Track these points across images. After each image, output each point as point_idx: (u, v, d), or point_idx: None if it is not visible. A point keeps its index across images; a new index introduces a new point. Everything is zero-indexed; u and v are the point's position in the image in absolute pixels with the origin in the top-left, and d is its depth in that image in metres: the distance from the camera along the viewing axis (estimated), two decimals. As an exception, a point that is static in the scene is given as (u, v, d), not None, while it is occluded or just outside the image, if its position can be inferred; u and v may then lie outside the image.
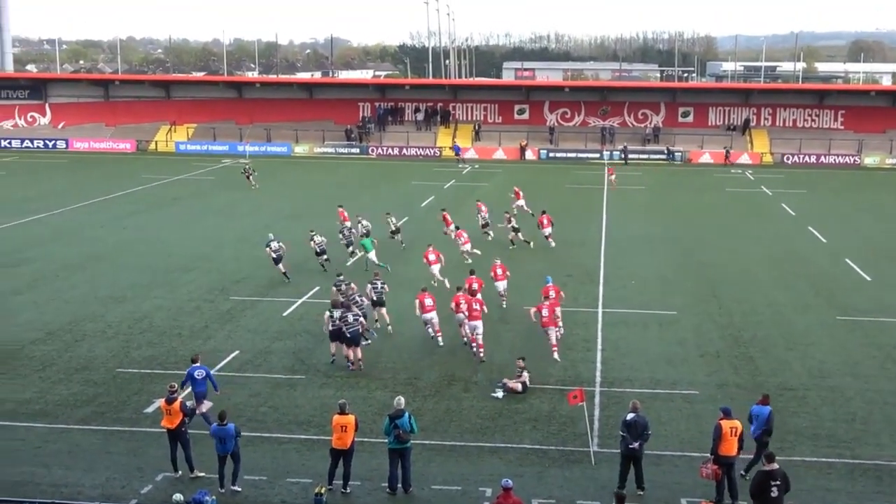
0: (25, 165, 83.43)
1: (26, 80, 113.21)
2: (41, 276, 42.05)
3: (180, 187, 70.11)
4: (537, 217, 50.53)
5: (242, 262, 44.70)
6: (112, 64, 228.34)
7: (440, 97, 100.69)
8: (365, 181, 75.41)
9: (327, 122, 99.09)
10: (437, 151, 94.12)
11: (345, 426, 21.77)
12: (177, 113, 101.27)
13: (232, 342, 32.48)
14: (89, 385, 28.40)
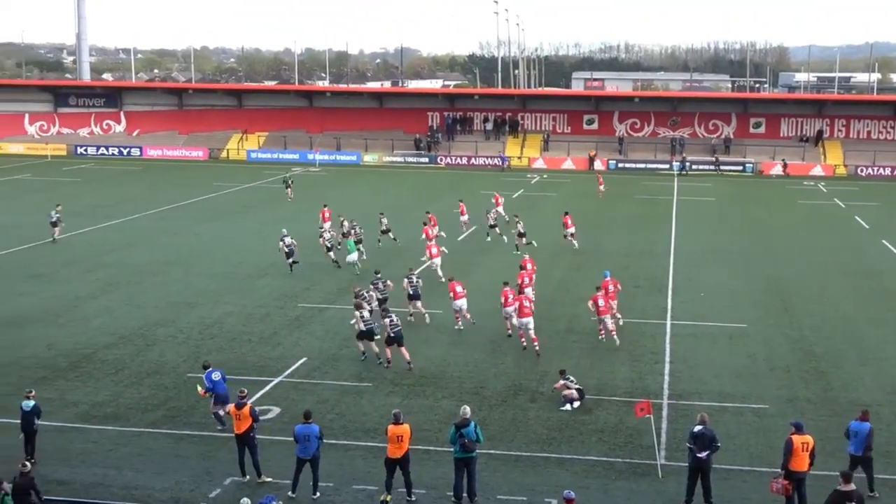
0: (101, 172, 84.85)
1: (102, 88, 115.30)
2: (115, 281, 42.70)
3: (251, 195, 70.83)
4: (561, 217, 51.87)
5: (311, 269, 44.98)
6: (186, 73, 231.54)
7: (509, 107, 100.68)
8: (433, 190, 75.57)
9: (396, 131, 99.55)
10: (505, 161, 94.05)
11: (400, 436, 21.77)
12: (248, 121, 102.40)
13: (300, 349, 32.72)
14: (160, 389, 28.78)
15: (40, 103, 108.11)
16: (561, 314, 37.43)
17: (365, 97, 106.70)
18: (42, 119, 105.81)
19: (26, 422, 23.38)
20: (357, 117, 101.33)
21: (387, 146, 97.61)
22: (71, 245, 50.86)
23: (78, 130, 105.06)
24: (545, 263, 46.53)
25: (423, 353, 32.38)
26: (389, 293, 36.48)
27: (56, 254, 48.49)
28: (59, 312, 37.34)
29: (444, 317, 36.58)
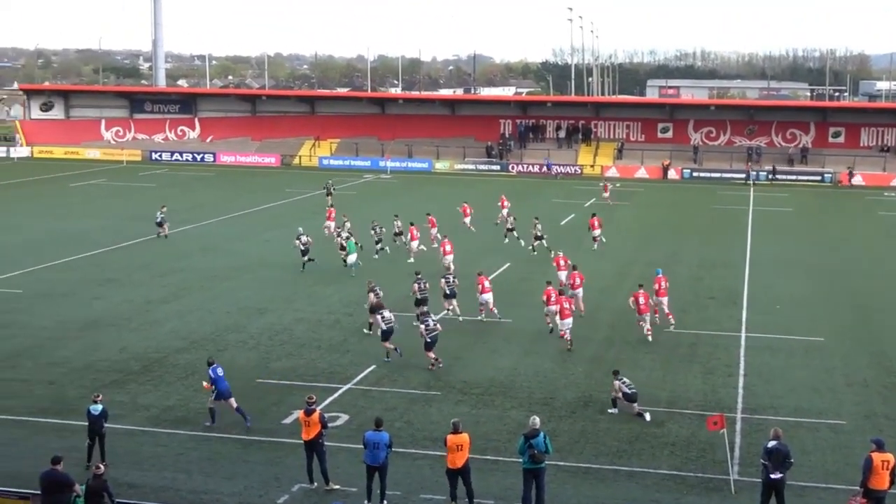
0: (174, 178, 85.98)
1: (177, 94, 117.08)
2: (186, 286, 43.22)
3: (323, 202, 71.20)
4: (588, 220, 54.06)
5: (382, 276, 45.08)
6: (259, 79, 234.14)
7: (582, 115, 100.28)
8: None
9: (468, 138, 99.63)
10: (578, 169, 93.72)
11: (460, 445, 21.68)
12: (321, 128, 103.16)
13: (369, 356, 32.82)
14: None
15: (116, 109, 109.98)
16: (633, 323, 37.09)
17: (437, 104, 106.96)
18: (118, 125, 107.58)
19: (95, 426, 23.66)
20: (429, 124, 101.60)
21: (458, 154, 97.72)
22: (144, 250, 51.61)
23: (153, 136, 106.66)
24: (618, 274, 46.36)
25: (493, 363, 32.34)
26: (457, 289, 37.72)
27: (129, 259, 49.23)
28: (131, 316, 37.89)
29: (515, 326, 36.53)
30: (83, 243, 52.65)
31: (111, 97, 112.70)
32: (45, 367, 31.47)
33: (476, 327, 36.60)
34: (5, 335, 34.94)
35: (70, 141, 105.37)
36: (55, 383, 29.84)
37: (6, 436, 25.61)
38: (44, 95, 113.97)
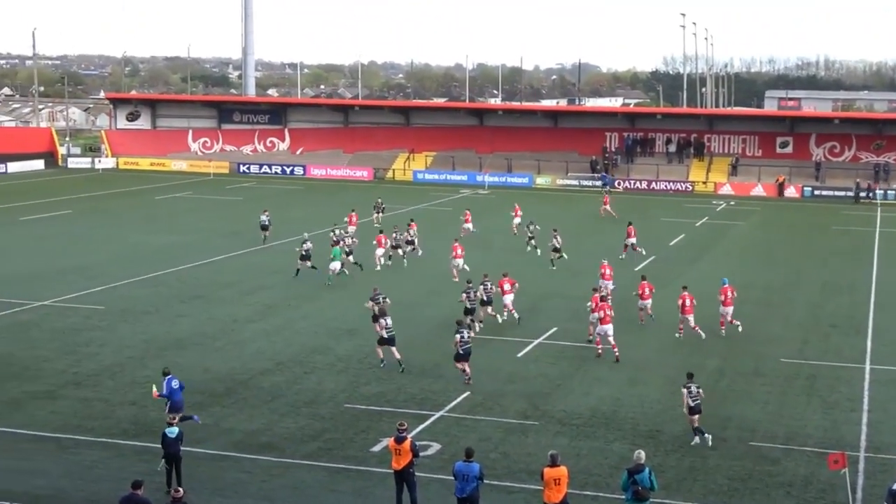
0: (263, 191, 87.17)
1: (267, 104, 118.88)
2: (273, 304, 43.73)
3: (417, 218, 71.51)
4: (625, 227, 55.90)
5: (477, 297, 45.08)
6: (352, 89, 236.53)
7: (694, 128, 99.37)
8: (608, 216, 75.01)
9: (571, 152, 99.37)
10: (689, 186, 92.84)
11: (557, 479, 21.48)
12: (416, 140, 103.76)
13: (462, 383, 32.79)
14: (316, 419, 29.27)
15: (204, 119, 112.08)
16: (747, 352, 36.61)
17: (539, 116, 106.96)
18: (206, 135, 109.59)
19: (171, 449, 23.94)
20: (530, 137, 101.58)
21: (561, 168, 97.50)
22: (230, 266, 52.37)
23: (241, 148, 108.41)
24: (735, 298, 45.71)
25: (596, 391, 32.14)
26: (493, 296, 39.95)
27: (215, 275, 50.00)
28: (216, 335, 38.46)
29: (619, 353, 36.19)
30: (168, 258, 53.61)
31: (199, 107, 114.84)
32: (127, 387, 32.09)
33: (578, 353, 36.41)
34: (87, 353, 35.72)
35: (156, 152, 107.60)
36: (136, 404, 30.40)
37: (87, 458, 26.14)
38: (130, 105, 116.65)
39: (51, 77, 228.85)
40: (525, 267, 50.23)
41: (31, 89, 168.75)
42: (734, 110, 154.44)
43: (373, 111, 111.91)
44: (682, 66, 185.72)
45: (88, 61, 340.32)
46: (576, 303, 43.54)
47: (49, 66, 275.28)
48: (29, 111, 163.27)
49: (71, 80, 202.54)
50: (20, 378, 32.76)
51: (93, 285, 47.03)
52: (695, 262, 56.10)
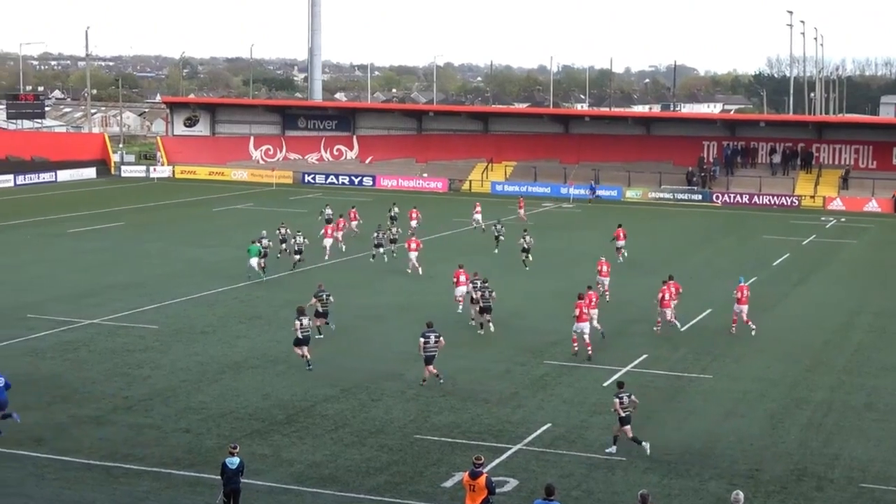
0: (329, 203, 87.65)
1: (334, 109, 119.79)
2: (338, 325, 43.90)
3: (494, 233, 71.64)
4: (613, 230, 60.33)
5: (560, 321, 44.97)
6: (427, 93, 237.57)
7: (801, 136, 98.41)
8: (706, 233, 74.56)
9: (665, 163, 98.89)
10: (795, 201, 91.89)
11: (648, 521, 21.44)
12: (495, 149, 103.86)
13: (544, 413, 32.74)
14: (384, 451, 29.36)
15: (267, 125, 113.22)
16: (858, 385, 36.12)
17: (629, 123, 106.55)
18: (268, 143, 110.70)
19: (231, 482, 24.10)
20: (620, 146, 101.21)
21: (653, 180, 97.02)
22: (292, 284, 52.75)
23: (306, 156, 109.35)
24: (844, 326, 45.38)
25: (689, 425, 31.90)
26: None
27: (276, 294, 50.41)
28: (277, 358, 38.76)
29: (716, 384, 35.94)
30: (226, 275, 54.13)
31: (261, 112, 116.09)
32: (181, 412, 32.44)
33: (670, 383, 36.17)
34: (138, 376, 36.20)
35: (215, 160, 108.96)
36: (191, 431, 30.73)
37: (137, 488, 26.47)
38: (188, 109, 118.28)
39: (104, 79, 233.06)
40: (620, 289, 50.06)
41: (83, 92, 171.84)
42: (846, 117, 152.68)
43: (448, 117, 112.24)
44: (789, 69, 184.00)
45: (144, 62, 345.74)
46: (667, 328, 43.29)
47: (103, 68, 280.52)
48: (81, 116, 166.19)
49: (125, 83, 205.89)
50: (68, 401, 33.30)
51: (145, 303, 47.67)
52: (800, 283, 55.52)
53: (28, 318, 44.29)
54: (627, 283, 50.90)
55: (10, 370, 36.09)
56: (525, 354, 39.75)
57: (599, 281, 49.05)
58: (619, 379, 32.71)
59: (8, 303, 47.31)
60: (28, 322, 43.68)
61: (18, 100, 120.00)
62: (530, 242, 58.49)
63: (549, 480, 24.54)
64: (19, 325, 43.06)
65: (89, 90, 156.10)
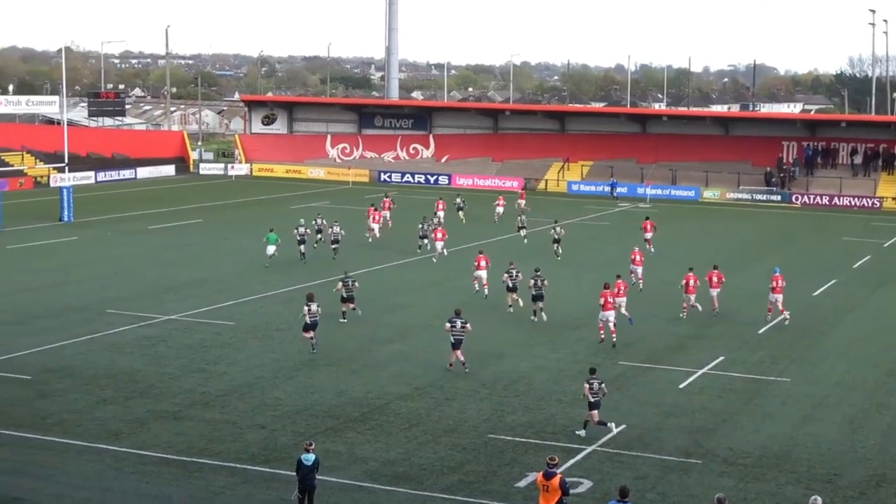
0: (405, 201, 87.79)
1: (411, 108, 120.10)
2: (413, 324, 44.07)
3: (571, 233, 71.40)
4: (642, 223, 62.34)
5: (636, 321, 44.79)
6: (503, 92, 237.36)
7: (884, 137, 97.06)
8: (784, 234, 73.75)
9: (744, 163, 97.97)
10: (876, 202, 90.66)
11: (725, 526, 21.29)
12: (571, 148, 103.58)
13: (619, 414, 32.56)
14: (457, 450, 29.39)
15: (344, 123, 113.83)
16: None
17: (708, 122, 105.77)
18: (345, 141, 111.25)
19: (306, 478, 24.22)
20: (697, 146, 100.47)
21: (731, 180, 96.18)
22: (368, 282, 52.91)
23: (382, 155, 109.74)
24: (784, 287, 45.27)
25: (766, 429, 31.58)
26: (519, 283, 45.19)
27: (352, 291, 50.62)
28: (351, 356, 38.95)
29: (794, 387, 35.58)
30: (302, 272, 54.50)
31: (338, 110, 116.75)
32: (257, 409, 32.71)
33: (748, 386, 35.84)
34: (215, 372, 36.55)
35: (292, 158, 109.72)
36: (266, 427, 30.97)
37: (213, 483, 26.74)
38: (266, 108, 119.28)
39: (184, 77, 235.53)
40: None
41: (163, 90, 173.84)
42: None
43: (525, 116, 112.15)
44: (871, 69, 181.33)
45: (223, 61, 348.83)
46: (745, 330, 42.98)
47: (182, 67, 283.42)
48: (160, 114, 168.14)
49: (204, 81, 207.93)
50: (146, 396, 33.71)
51: (222, 299, 48.12)
52: (881, 286, 54.76)
53: (108, 314, 44.92)
54: (703, 284, 50.34)
55: (89, 364, 36.78)
56: (600, 355, 39.57)
57: (633, 270, 51.04)
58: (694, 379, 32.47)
59: (88, 298, 48.00)
60: (107, 317, 44.30)
61: (100, 98, 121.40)
62: (560, 233, 61.18)
63: (623, 482, 24.44)
64: (99, 321, 43.68)
65: (169, 88, 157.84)
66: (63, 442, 29.44)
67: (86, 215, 75.47)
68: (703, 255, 58.94)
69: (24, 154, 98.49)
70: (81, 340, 40.46)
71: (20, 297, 48.55)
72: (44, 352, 38.69)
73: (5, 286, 50.85)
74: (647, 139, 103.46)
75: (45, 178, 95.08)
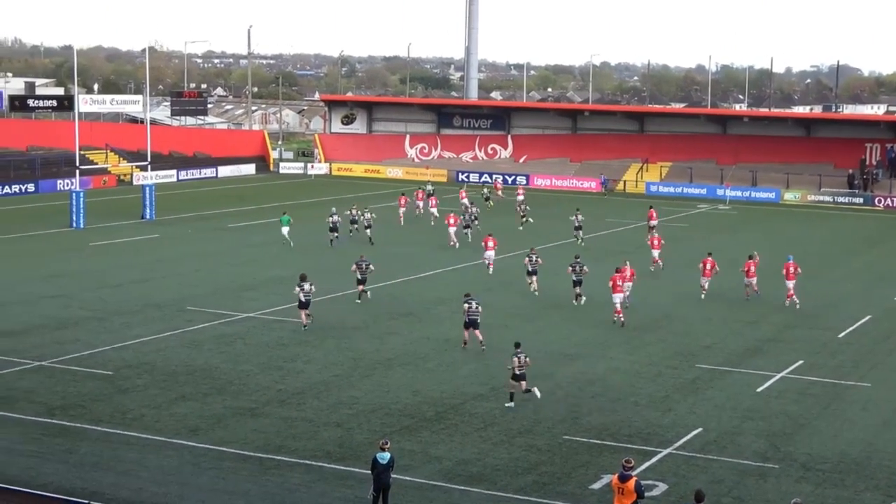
0: (481, 203, 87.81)
1: (489, 108, 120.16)
2: (489, 324, 43.89)
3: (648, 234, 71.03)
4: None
5: (714, 324, 44.41)
6: (582, 92, 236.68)
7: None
8: (866, 237, 72.79)
9: (826, 164, 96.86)
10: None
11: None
12: (650, 149, 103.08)
13: (695, 417, 32.35)
14: (532, 451, 29.33)
15: (423, 123, 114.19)
16: None
17: (789, 124, 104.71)
18: (423, 141, 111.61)
19: (381, 477, 24.28)
20: (778, 147, 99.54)
21: (812, 182, 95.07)
22: (445, 281, 53.08)
23: (460, 155, 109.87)
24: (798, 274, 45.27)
25: (846, 434, 31.17)
26: None
27: (428, 291, 50.78)
28: (427, 355, 39.03)
29: (875, 392, 35.08)
30: (379, 272, 54.59)
31: (417, 110, 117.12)
32: (332, 407, 32.88)
33: (826, 390, 35.42)
34: (291, 370, 36.80)
35: (371, 158, 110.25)
36: (342, 426, 31.12)
37: (289, 480, 26.91)
38: (346, 107, 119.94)
39: (265, 77, 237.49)
40: (773, 293, 49.18)
41: (244, 90, 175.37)
42: None
43: (604, 116, 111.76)
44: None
45: (304, 61, 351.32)
46: (824, 334, 42.49)
47: (264, 66, 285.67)
48: (241, 113, 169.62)
49: (285, 81, 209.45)
50: (224, 392, 34.03)
51: (301, 298, 48.36)
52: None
53: (187, 311, 45.42)
54: (783, 287, 49.74)
55: (169, 361, 37.21)
56: (676, 357, 39.31)
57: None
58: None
59: (169, 295, 48.55)
60: (187, 314, 44.79)
61: (182, 97, 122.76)
62: (582, 220, 65.48)
63: (698, 486, 24.26)
64: (179, 318, 44.17)
65: (250, 88, 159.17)
66: (142, 437, 29.81)
67: (167, 213, 76.40)
68: (784, 258, 58.27)
69: (107, 152, 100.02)
70: (161, 337, 40.95)
71: (102, 293, 49.26)
72: (124, 347, 39.21)
73: (88, 282, 51.61)
74: (727, 140, 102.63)
75: (128, 176, 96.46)
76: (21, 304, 46.56)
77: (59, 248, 62.15)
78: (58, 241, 64.58)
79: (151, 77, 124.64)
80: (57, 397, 33.26)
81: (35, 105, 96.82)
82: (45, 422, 30.92)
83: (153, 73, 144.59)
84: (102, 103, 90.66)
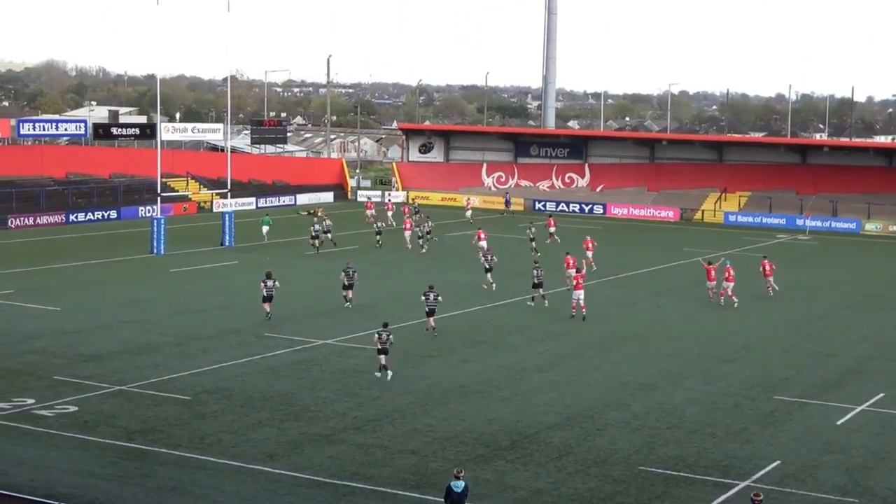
0: (559, 231, 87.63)
1: (566, 137, 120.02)
2: (564, 353, 43.94)
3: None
4: None
5: (793, 354, 43.92)
6: (660, 121, 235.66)
7: None
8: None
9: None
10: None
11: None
12: (728, 178, 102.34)
13: (773, 450, 31.99)
14: (607, 481, 29.16)
15: (499, 152, 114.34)
16: None
17: (870, 153, 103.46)
18: (500, 170, 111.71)
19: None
20: (860, 177, 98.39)
21: (894, 213, 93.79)
22: (519, 310, 53.00)
23: (537, 183, 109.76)
24: None
25: (926, 468, 30.62)
26: None
27: (503, 319, 50.75)
28: (501, 384, 38.97)
29: None
30: (455, 298, 54.58)
31: (494, 139, 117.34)
32: (408, 434, 32.94)
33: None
34: (368, 397, 36.91)
35: (448, 186, 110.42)
36: (417, 453, 31.16)
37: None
38: (423, 136, 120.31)
39: (344, 106, 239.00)
40: (856, 325, 48.55)
41: (323, 119, 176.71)
42: None
43: (682, 146, 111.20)
44: None
45: (382, 90, 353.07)
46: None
47: (342, 95, 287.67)
48: (320, 141, 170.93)
49: (364, 110, 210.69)
50: (300, 419, 34.22)
51: (376, 325, 48.25)
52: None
53: (265, 337, 45.76)
54: (864, 318, 49.14)
55: (247, 387, 37.50)
56: (755, 388, 38.91)
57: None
58: None
59: (247, 321, 48.94)
60: (265, 341, 45.12)
61: (262, 125, 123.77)
62: (534, 233, 73.81)
63: (776, 519, 23.97)
64: (257, 344, 44.52)
65: (329, 116, 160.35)
66: (219, 462, 30.06)
67: (246, 240, 77.05)
68: (865, 289, 57.58)
69: (188, 180, 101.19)
70: (239, 363, 41.30)
71: (180, 318, 49.81)
72: (202, 373, 39.60)
73: (167, 308, 52.20)
74: (807, 170, 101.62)
75: (208, 204, 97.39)
76: (103, 328, 47.23)
77: (140, 273, 62.93)
78: (139, 267, 65.40)
79: (232, 105, 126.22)
80: (136, 421, 33.66)
81: (118, 133, 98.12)
82: (125, 445, 31.31)
83: (234, 101, 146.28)
84: (184, 131, 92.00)
